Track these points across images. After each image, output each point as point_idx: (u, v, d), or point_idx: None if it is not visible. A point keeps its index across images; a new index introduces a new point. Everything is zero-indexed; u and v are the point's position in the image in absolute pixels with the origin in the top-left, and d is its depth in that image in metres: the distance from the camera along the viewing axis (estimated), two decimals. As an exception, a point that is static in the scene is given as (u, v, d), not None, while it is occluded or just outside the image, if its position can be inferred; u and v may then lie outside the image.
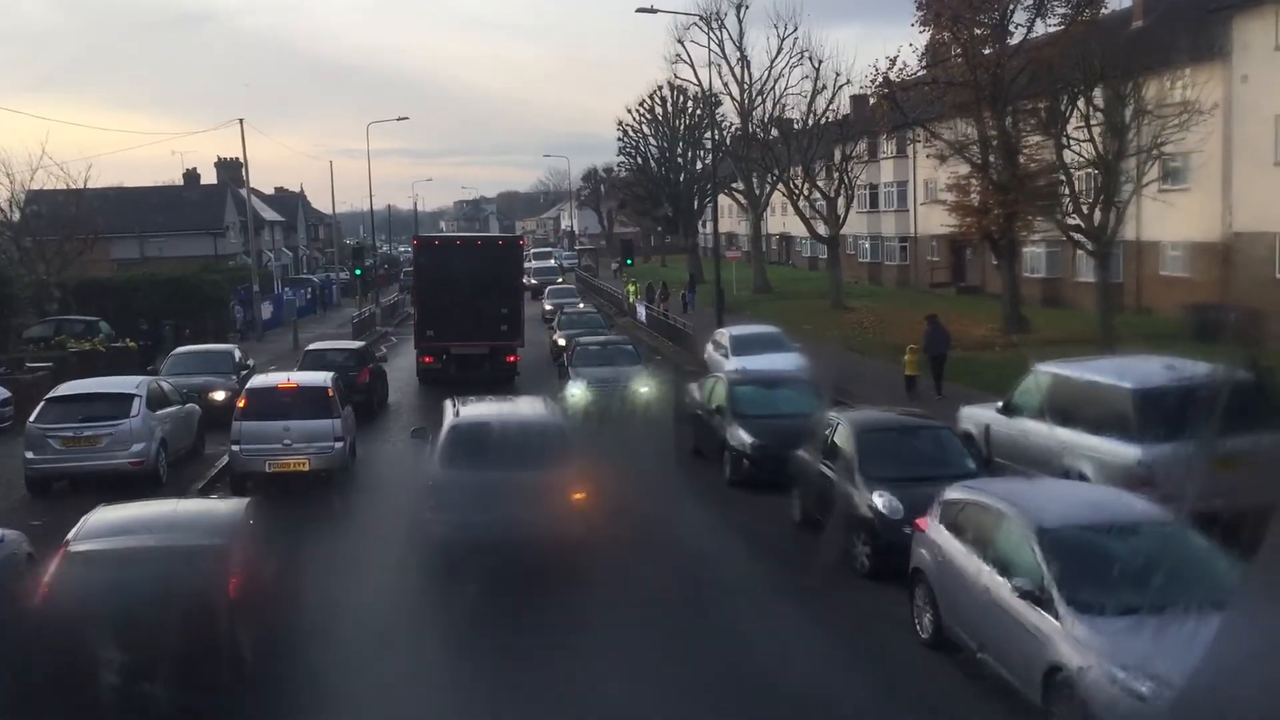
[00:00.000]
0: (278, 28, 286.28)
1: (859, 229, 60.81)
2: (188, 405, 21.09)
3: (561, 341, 31.21)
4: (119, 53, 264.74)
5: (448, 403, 15.99)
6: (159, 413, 19.18)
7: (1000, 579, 9.70)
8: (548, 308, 47.00)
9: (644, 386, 25.12)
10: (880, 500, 13.26)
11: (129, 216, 64.07)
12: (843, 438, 14.66)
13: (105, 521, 10.59)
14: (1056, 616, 8.84)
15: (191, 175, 75.01)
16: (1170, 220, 34.87)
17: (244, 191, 51.93)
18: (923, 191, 56.95)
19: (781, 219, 76.52)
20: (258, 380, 20.21)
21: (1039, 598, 9.09)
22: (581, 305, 44.34)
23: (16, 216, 41.01)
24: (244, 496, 17.80)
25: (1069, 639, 8.65)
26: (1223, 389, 12.47)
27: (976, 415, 17.10)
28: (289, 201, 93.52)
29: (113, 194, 66.48)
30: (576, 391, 24.91)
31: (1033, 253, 43.99)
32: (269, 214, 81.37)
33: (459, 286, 29.87)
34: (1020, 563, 9.53)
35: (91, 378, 22.20)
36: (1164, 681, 7.33)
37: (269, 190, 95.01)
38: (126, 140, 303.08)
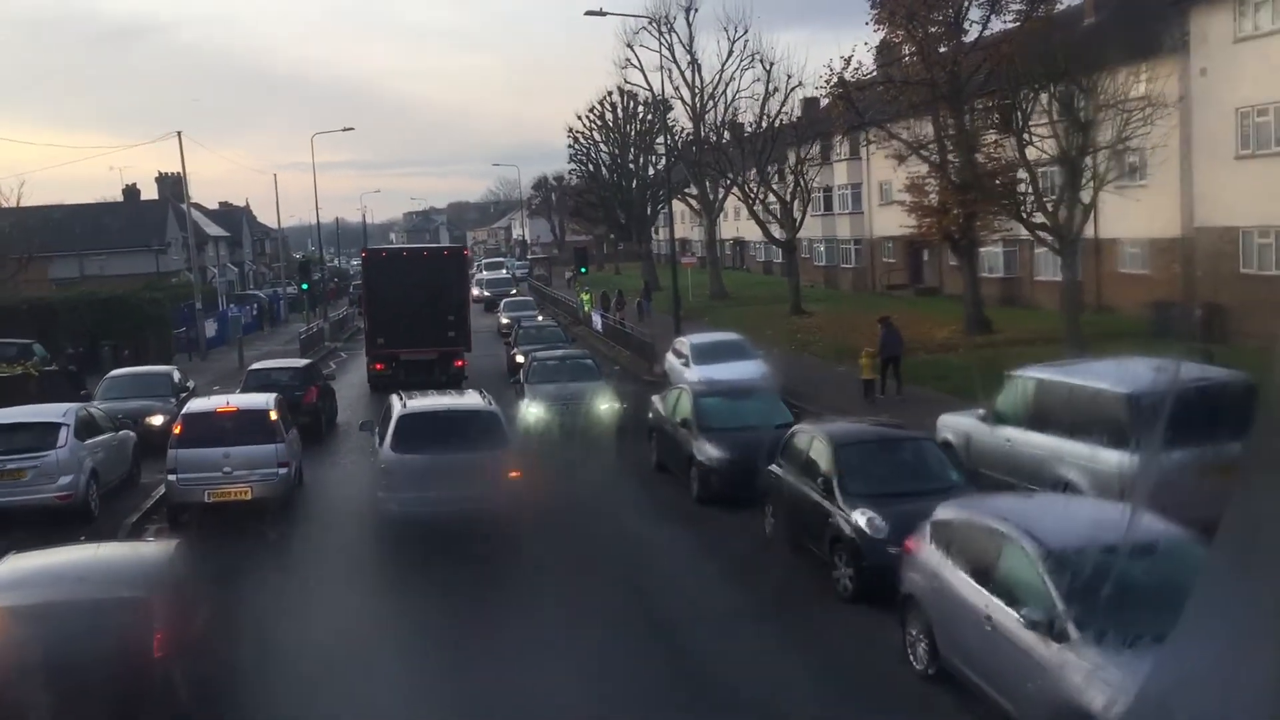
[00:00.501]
0: (218, 41, 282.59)
1: (814, 232, 60.31)
2: (121, 432, 19.87)
3: (520, 358, 29.51)
4: (54, 68, 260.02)
5: (394, 397, 17.77)
6: (89, 441, 17.95)
7: (1004, 607, 8.92)
8: (504, 321, 44.15)
9: (604, 403, 23.73)
10: (863, 519, 12.45)
11: (67, 235, 62.34)
12: (819, 452, 13.86)
13: (15, 572, 9.51)
14: (1070, 648, 8.08)
15: (131, 191, 73.29)
16: (1128, 217, 34.50)
17: (185, 206, 50.31)
18: (877, 193, 56.57)
19: (735, 224, 76.01)
20: (195, 404, 19.03)
21: (1049, 628, 8.32)
22: (540, 318, 42.24)
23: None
24: (183, 527, 16.90)
25: (1084, 672, 7.88)
26: (1223, 391, 11.80)
27: (956, 423, 16.33)
28: (234, 216, 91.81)
29: (50, 212, 64.67)
30: (533, 409, 23.69)
31: (990, 253, 43.59)
32: (213, 229, 79.69)
33: (407, 295, 30.77)
34: (1027, 589, 8.75)
35: (19, 405, 20.88)
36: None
37: (213, 205, 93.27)
38: (62, 156, 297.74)
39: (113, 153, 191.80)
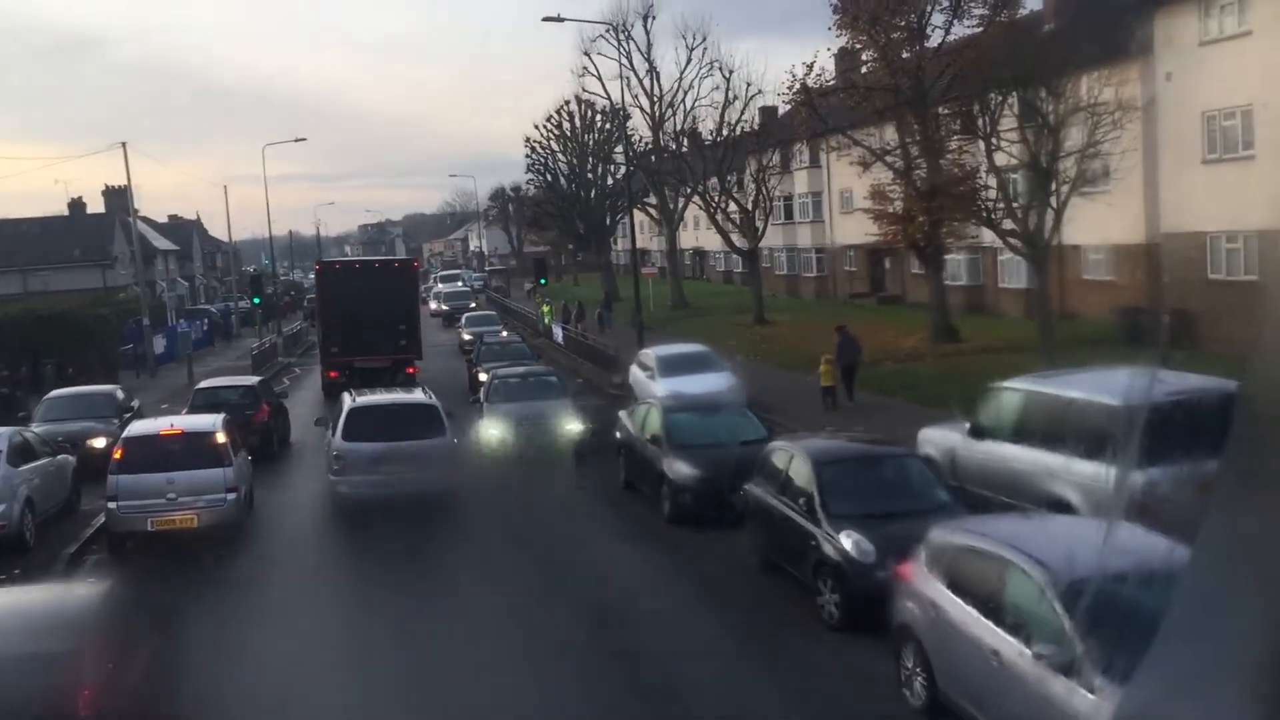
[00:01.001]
0: (170, 54, 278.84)
1: (774, 241, 59.82)
2: (60, 456, 18.81)
3: (483, 376, 28.15)
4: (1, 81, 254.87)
5: (345, 394, 19.94)
6: (24, 467, 16.90)
7: (1012, 641, 8.24)
8: (466, 337, 41.52)
9: (569, 423, 22.12)
10: (849, 541, 11.76)
11: (10, 249, 60.73)
12: (799, 470, 13.15)
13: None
14: (1088, 688, 7.41)
15: (77, 204, 71.55)
16: (1091, 223, 34.20)
17: (130, 219, 48.94)
18: (839, 201, 56.18)
19: (694, 233, 75.44)
20: (137, 427, 18.00)
21: (1064, 665, 7.65)
22: (505, 333, 39.50)
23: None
24: (124, 558, 15.94)
25: (1103, 713, 7.21)
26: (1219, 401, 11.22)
27: (939, 438, 15.65)
28: (184, 230, 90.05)
29: (-10, 226, 63.02)
30: (493, 430, 22.12)
31: (953, 260, 43.19)
32: (161, 243, 78.06)
33: (360, 306, 31.75)
34: (1037, 622, 8.08)
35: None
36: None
37: (162, 219, 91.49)
38: (3, 168, 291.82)
39: (56, 164, 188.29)
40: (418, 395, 19.88)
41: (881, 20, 32.78)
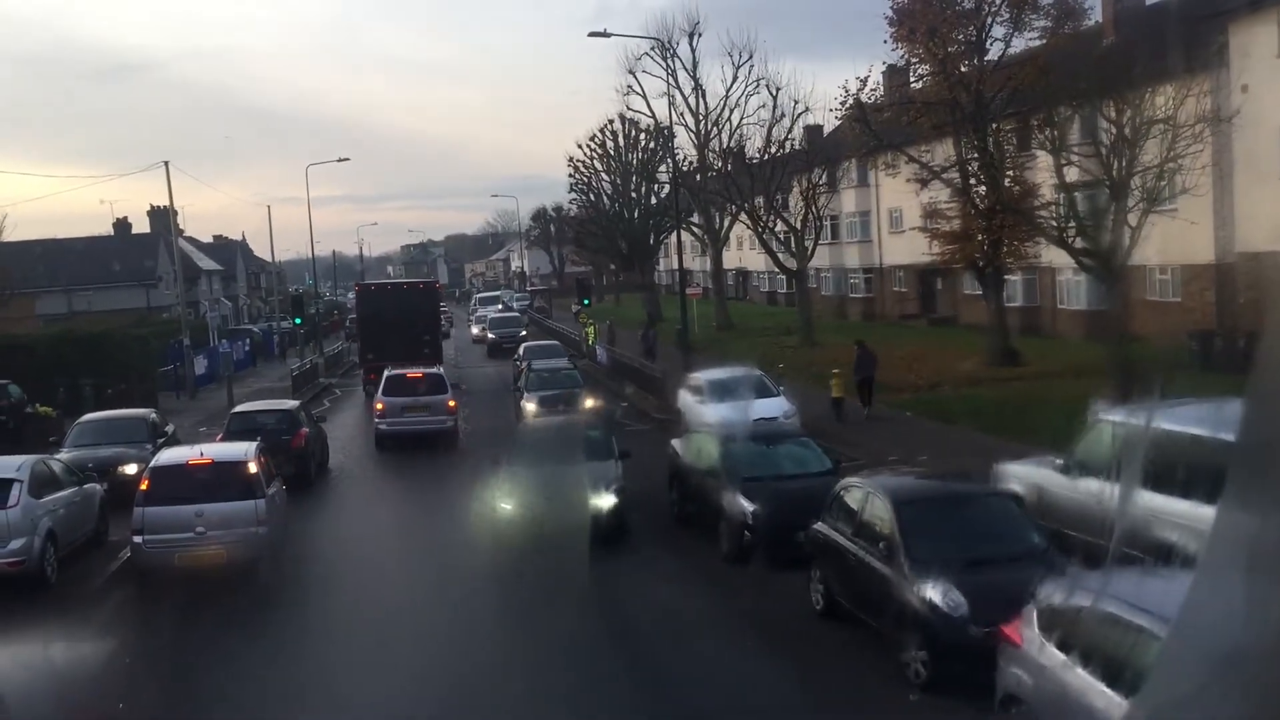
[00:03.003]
0: (215, 77, 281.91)
1: (821, 262, 58.55)
2: (86, 486, 17.94)
3: (530, 406, 27.53)
4: (50, 104, 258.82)
5: (386, 369, 29.14)
6: (46, 499, 16.01)
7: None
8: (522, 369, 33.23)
9: (607, 498, 16.84)
10: (936, 593, 10.57)
11: (55, 269, 60.89)
12: (877, 511, 11.97)
13: None
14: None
15: (122, 225, 71.77)
16: (1156, 241, 32.79)
17: (172, 238, 48.59)
18: (887, 221, 54.98)
19: (738, 254, 74.36)
20: (165, 456, 17.01)
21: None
22: (565, 363, 33.46)
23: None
24: (150, 594, 15.06)
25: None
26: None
27: (1025, 474, 14.40)
28: (229, 250, 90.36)
29: (36, 246, 63.16)
30: (507, 505, 16.83)
31: (1009, 280, 41.83)
32: (206, 263, 78.13)
33: (392, 320, 38.25)
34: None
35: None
36: None
37: (207, 239, 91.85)
38: (50, 186, 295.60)
39: (100, 184, 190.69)
40: (434, 368, 29.95)
41: (940, 33, 31.65)
